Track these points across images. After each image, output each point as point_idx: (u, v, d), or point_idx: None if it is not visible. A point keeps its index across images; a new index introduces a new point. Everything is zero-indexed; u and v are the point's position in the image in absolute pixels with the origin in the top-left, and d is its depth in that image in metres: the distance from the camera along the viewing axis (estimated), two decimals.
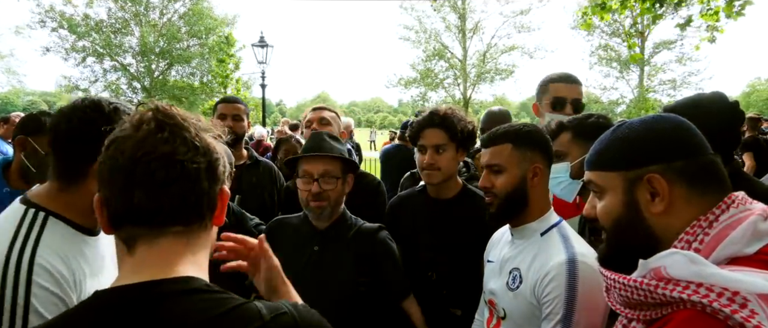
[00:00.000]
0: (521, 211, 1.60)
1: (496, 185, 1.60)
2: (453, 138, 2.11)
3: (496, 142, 1.62)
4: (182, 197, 0.83)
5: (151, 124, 0.83)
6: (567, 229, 1.59)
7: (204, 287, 0.82)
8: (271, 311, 0.83)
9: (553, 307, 1.42)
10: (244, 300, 0.84)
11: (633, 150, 0.99)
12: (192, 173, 0.83)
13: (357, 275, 1.92)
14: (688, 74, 25.40)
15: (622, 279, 0.94)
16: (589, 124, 1.86)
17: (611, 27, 25.23)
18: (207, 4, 26.20)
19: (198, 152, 0.84)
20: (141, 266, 0.83)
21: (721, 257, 0.88)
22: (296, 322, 0.85)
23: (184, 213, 0.85)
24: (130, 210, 0.82)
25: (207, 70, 24.93)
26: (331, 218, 1.99)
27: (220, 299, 0.81)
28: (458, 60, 27.93)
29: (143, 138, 0.81)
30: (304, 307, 0.92)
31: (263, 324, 0.80)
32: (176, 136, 0.83)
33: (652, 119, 1.01)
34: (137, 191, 0.80)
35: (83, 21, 24.23)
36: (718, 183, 0.95)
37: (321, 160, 1.92)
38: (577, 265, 1.42)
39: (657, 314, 0.89)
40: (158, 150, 0.81)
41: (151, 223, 0.83)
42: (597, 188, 1.06)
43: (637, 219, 0.98)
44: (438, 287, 2.10)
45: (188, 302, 0.79)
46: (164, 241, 0.84)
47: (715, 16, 5.05)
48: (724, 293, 0.78)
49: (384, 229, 2.05)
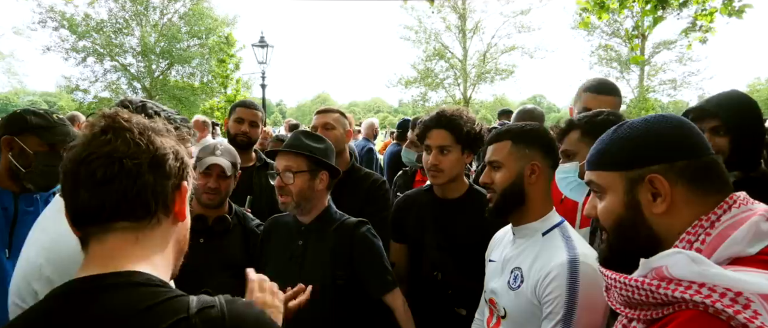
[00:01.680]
0: (519, 208, 1.62)
1: (495, 181, 1.63)
2: (458, 140, 2.12)
3: (497, 140, 1.66)
4: (123, 193, 0.86)
5: (95, 129, 0.89)
6: (569, 229, 1.60)
7: (143, 281, 0.84)
8: (199, 305, 0.84)
9: (554, 307, 1.43)
10: (179, 294, 0.86)
11: (634, 150, 0.99)
12: (132, 169, 0.86)
13: (334, 269, 1.96)
14: (689, 74, 25.43)
15: (623, 279, 0.93)
16: (598, 122, 1.81)
17: (611, 27, 25.20)
18: (207, 4, 26.23)
19: (139, 149, 0.88)
20: (90, 263, 0.87)
21: (723, 257, 0.87)
22: (223, 316, 0.84)
23: (127, 208, 0.87)
24: (77, 209, 0.87)
25: (207, 70, 24.91)
26: (311, 212, 2.04)
27: (154, 293, 0.83)
28: (458, 60, 27.92)
29: (88, 142, 0.87)
30: (243, 303, 0.91)
31: (188, 317, 0.81)
32: (118, 136, 0.87)
33: (654, 119, 1.01)
34: (81, 190, 0.86)
35: (84, 21, 24.22)
36: (720, 183, 0.95)
37: (285, 155, 1.99)
38: (579, 266, 1.44)
39: (658, 313, 0.88)
40: (99, 151, 0.86)
41: (97, 220, 0.87)
42: (598, 188, 1.05)
43: (638, 219, 0.98)
44: (443, 287, 2.11)
45: (121, 296, 0.81)
46: (111, 237, 0.88)
47: (710, 16, 5.05)
48: (727, 293, 0.77)
49: (366, 223, 2.07)
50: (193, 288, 1.06)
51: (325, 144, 2.07)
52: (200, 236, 2.17)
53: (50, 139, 1.88)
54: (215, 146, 2.28)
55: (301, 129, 2.15)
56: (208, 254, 2.15)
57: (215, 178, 2.18)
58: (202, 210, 2.21)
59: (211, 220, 2.22)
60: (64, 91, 27.22)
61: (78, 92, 25.32)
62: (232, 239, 2.25)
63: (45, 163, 1.86)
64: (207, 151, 2.25)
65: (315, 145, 2.02)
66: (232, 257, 2.19)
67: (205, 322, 0.82)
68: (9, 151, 1.89)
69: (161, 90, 25.52)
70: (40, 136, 1.88)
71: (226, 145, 2.35)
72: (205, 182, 2.16)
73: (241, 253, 2.19)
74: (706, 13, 5.04)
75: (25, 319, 0.84)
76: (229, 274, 2.13)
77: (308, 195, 1.99)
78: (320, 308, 1.92)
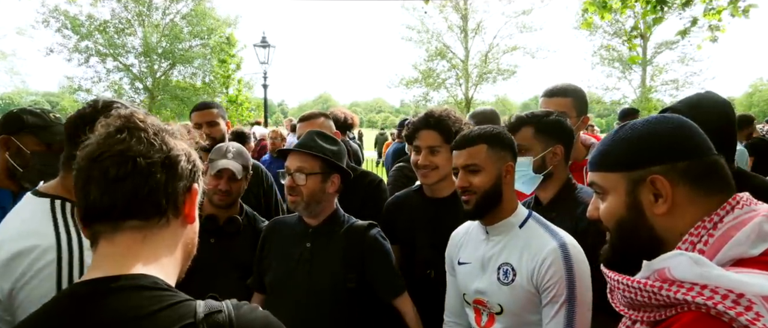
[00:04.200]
0: (496, 207, 1.68)
1: (475, 184, 1.66)
2: (448, 140, 2.13)
3: (472, 144, 1.69)
4: (134, 191, 0.85)
5: (110, 128, 0.89)
6: (541, 218, 1.72)
7: (150, 284, 0.84)
8: (206, 310, 0.84)
9: (556, 290, 1.53)
10: (186, 298, 0.85)
11: (635, 151, 0.98)
12: (145, 168, 0.86)
13: (345, 272, 1.95)
14: (691, 74, 25.35)
15: (625, 280, 0.93)
16: (550, 121, 1.96)
17: (613, 27, 25.16)
18: (209, 4, 26.27)
19: (153, 148, 0.87)
20: (100, 263, 0.87)
21: (726, 259, 0.87)
22: (230, 321, 0.84)
23: (139, 207, 0.87)
24: (88, 207, 0.87)
25: (209, 70, 24.95)
26: (320, 215, 2.03)
27: (160, 297, 0.82)
28: (460, 60, 27.89)
29: (102, 140, 0.87)
30: (249, 307, 0.90)
31: (194, 322, 0.81)
32: (133, 135, 0.87)
33: (655, 120, 1.00)
34: (93, 187, 0.85)
35: (87, 21, 24.28)
36: (723, 184, 0.94)
37: (298, 155, 1.97)
38: (569, 248, 1.56)
39: (661, 315, 0.88)
40: (113, 149, 0.86)
41: (107, 218, 0.86)
42: (600, 189, 1.04)
43: (640, 220, 0.97)
44: (438, 285, 2.10)
45: (128, 300, 0.81)
46: (121, 237, 0.87)
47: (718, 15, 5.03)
48: (729, 295, 0.77)
49: (375, 226, 2.07)
50: (203, 287, 1.08)
51: (339, 146, 2.06)
52: (211, 236, 2.20)
53: (47, 138, 1.87)
54: (227, 149, 2.29)
55: (315, 130, 2.13)
56: (219, 253, 2.17)
57: (226, 181, 2.20)
58: (214, 210, 2.23)
59: (222, 220, 2.23)
60: (67, 91, 27.27)
61: (80, 92, 25.34)
62: (242, 240, 2.26)
63: (42, 162, 1.85)
64: (219, 153, 2.27)
65: (329, 147, 2.00)
66: (242, 257, 2.21)
67: (213, 326, 0.82)
68: (6, 150, 1.88)
69: (163, 90, 25.58)
70: (37, 136, 1.87)
71: (238, 148, 2.35)
72: (216, 184, 2.19)
73: (250, 254, 2.20)
74: (714, 12, 5.01)
75: (32, 321, 0.84)
76: (238, 275, 2.18)
77: (319, 197, 1.97)
78: (331, 312, 1.92)
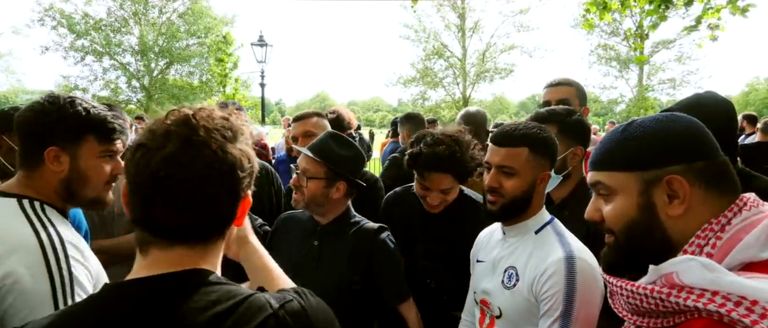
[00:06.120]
0: (522, 213, 1.60)
1: (505, 187, 1.56)
2: (461, 179, 2.09)
3: (513, 144, 1.56)
4: (201, 220, 0.84)
5: (177, 142, 0.82)
6: (560, 226, 1.61)
7: (215, 280, 0.86)
8: (279, 300, 0.86)
9: (553, 303, 1.44)
10: (250, 291, 0.87)
11: (650, 150, 0.94)
12: (211, 197, 0.83)
13: (351, 273, 1.90)
14: (688, 73, 25.47)
15: (630, 286, 0.90)
16: (573, 121, 1.92)
17: (610, 26, 25.22)
18: (206, 3, 26.15)
19: (220, 172, 0.83)
20: (154, 265, 0.85)
21: (735, 262, 0.84)
22: (303, 307, 0.88)
23: (202, 232, 0.87)
24: (148, 222, 0.84)
25: (206, 69, 24.86)
26: (327, 214, 1.99)
27: (229, 291, 0.84)
28: (458, 59, 27.89)
29: (168, 156, 0.80)
30: (305, 292, 0.94)
31: (274, 313, 0.83)
32: (197, 154, 0.82)
33: (666, 118, 0.96)
34: (155, 209, 0.82)
35: (83, 19, 24.15)
36: (732, 185, 0.92)
37: (306, 156, 1.93)
38: (575, 261, 1.45)
39: (668, 322, 0.85)
40: (178, 173, 0.80)
41: (167, 237, 0.85)
42: (606, 189, 0.99)
43: (652, 222, 0.93)
44: (438, 294, 2.09)
45: (199, 294, 0.81)
46: (179, 249, 0.86)
47: (717, 14, 5.03)
48: (742, 302, 0.74)
49: (385, 229, 2.02)
50: None
51: (353, 152, 1.97)
52: None
53: None
54: None
55: (333, 131, 2.07)
56: None
57: None
58: None
59: None
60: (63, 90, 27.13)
61: (77, 91, 25.21)
62: None
63: None
64: None
65: (340, 153, 1.92)
66: None
67: (291, 315, 0.85)
68: None
69: (160, 89, 25.45)
70: None
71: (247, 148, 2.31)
72: None
73: None
74: (713, 11, 5.01)
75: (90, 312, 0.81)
76: (232, 274, 2.12)
77: (320, 201, 1.92)
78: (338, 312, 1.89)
